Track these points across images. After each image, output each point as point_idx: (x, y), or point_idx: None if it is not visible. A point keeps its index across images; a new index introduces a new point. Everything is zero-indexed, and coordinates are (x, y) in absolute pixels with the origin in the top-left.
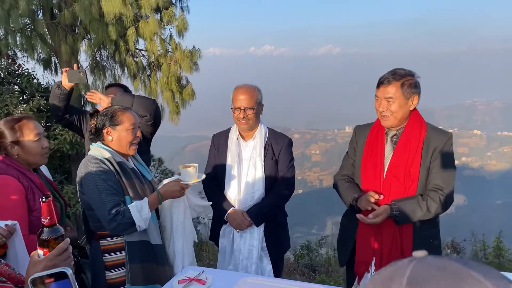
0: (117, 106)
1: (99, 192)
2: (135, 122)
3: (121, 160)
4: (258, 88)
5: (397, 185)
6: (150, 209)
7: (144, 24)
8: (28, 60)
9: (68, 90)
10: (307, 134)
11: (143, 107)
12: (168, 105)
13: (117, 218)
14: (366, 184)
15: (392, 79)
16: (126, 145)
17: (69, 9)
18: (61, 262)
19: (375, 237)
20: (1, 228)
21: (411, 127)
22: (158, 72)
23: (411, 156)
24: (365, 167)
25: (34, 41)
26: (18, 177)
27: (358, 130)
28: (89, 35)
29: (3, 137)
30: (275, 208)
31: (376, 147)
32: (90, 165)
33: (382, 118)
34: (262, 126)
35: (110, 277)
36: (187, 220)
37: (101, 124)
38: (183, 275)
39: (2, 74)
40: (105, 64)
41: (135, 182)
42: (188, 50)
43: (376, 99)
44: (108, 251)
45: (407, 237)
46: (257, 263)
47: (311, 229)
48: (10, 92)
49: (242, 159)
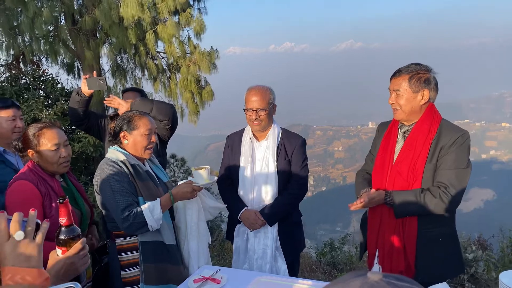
0: (135, 111)
1: (113, 193)
2: (151, 127)
3: (136, 162)
4: (270, 89)
5: (400, 181)
6: (162, 210)
7: (162, 27)
8: (52, 65)
9: (88, 96)
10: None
11: (162, 112)
12: (188, 106)
13: (129, 218)
14: (375, 180)
15: (403, 72)
16: (141, 149)
17: (90, 14)
18: (79, 261)
19: (378, 229)
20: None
21: (421, 123)
22: (178, 73)
23: (417, 152)
24: (376, 164)
25: (57, 47)
26: (37, 183)
27: (380, 127)
28: (110, 39)
29: (27, 143)
30: (288, 207)
31: (388, 142)
32: (105, 167)
33: (393, 111)
34: (275, 126)
35: (125, 275)
36: (201, 221)
37: (118, 128)
38: (198, 275)
39: (27, 80)
40: (125, 68)
41: (148, 184)
42: (207, 51)
43: (390, 92)
44: (123, 250)
45: (411, 232)
46: (271, 263)
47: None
48: (36, 97)
49: (256, 159)
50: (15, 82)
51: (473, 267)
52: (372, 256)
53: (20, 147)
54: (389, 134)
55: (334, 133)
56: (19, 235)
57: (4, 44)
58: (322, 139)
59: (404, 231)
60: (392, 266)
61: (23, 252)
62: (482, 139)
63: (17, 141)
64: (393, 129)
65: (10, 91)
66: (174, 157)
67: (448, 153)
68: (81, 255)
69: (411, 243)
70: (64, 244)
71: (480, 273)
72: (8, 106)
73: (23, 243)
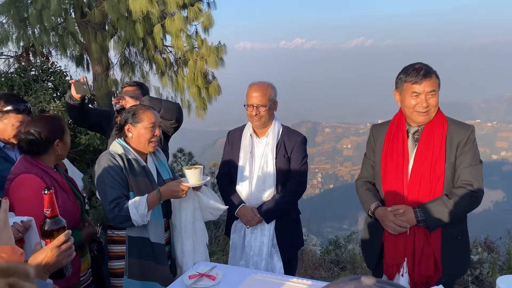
0: (140, 105)
1: (105, 185)
2: (155, 121)
3: (134, 157)
4: (272, 85)
5: (424, 183)
6: (148, 206)
7: (170, 21)
8: (61, 58)
9: (79, 100)
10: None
11: (170, 112)
12: (195, 101)
13: (115, 210)
14: (388, 185)
15: (429, 71)
16: (145, 142)
17: (98, 7)
18: (61, 253)
19: (404, 238)
20: (17, 224)
21: (433, 122)
22: (185, 68)
23: (436, 152)
24: (385, 168)
25: (66, 39)
26: (42, 176)
27: (375, 129)
28: (118, 32)
29: (53, 135)
30: (286, 205)
31: (397, 145)
32: (102, 159)
33: (419, 115)
34: (276, 123)
35: (111, 266)
36: (197, 221)
37: (123, 121)
38: (194, 271)
39: (36, 71)
40: (133, 61)
41: (141, 180)
42: (214, 46)
43: (414, 96)
44: (111, 242)
45: (436, 235)
46: (267, 260)
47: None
48: (44, 89)
49: (255, 156)
50: (24, 74)
51: (478, 269)
52: (395, 267)
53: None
54: (396, 137)
55: (343, 131)
56: None
57: (14, 36)
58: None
59: (430, 233)
60: (421, 272)
61: None
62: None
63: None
64: (398, 131)
65: (19, 83)
66: (181, 151)
67: (466, 151)
68: (65, 247)
69: (437, 245)
70: (49, 235)
71: (485, 275)
72: (20, 111)
73: None
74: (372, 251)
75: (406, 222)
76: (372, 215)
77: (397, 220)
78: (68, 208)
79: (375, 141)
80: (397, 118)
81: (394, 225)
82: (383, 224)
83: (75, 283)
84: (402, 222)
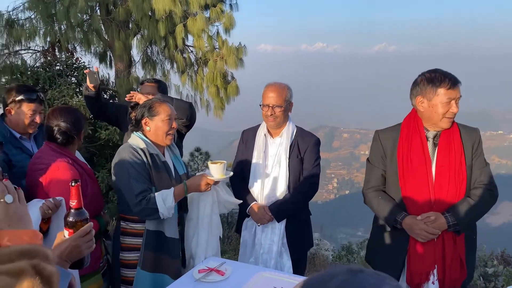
0: (155, 99)
1: (129, 178)
2: (171, 113)
3: (155, 152)
4: (288, 87)
5: (451, 187)
6: (175, 199)
7: (192, 21)
8: (85, 53)
9: (94, 91)
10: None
11: (181, 111)
12: (213, 101)
13: (142, 202)
14: (410, 192)
15: (457, 78)
16: (162, 134)
17: (123, 5)
18: (84, 244)
19: (433, 245)
20: (49, 200)
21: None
22: (205, 68)
23: (458, 155)
24: (404, 174)
25: (91, 36)
26: (72, 164)
27: (382, 135)
28: (141, 31)
29: (81, 127)
30: (297, 205)
31: (417, 150)
32: (124, 152)
33: (449, 120)
34: (291, 124)
35: (123, 257)
36: (214, 214)
37: (140, 115)
38: (204, 265)
39: (61, 66)
40: (155, 59)
41: (162, 175)
42: (234, 47)
43: (449, 102)
44: (125, 234)
45: (460, 237)
46: (276, 258)
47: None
48: (68, 84)
49: (268, 156)
50: (49, 68)
51: (492, 281)
52: (424, 275)
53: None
54: (413, 142)
55: (362, 136)
56: (9, 198)
57: (42, 31)
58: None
59: (455, 237)
60: (451, 276)
61: (16, 213)
62: None
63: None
64: (417, 135)
65: (44, 77)
66: (198, 150)
67: (479, 153)
68: (87, 238)
69: (462, 246)
70: (72, 226)
71: None
72: (32, 100)
73: (14, 205)
74: (395, 261)
75: (438, 229)
76: (399, 225)
77: (429, 228)
78: (96, 195)
79: (384, 148)
80: (411, 123)
81: (426, 233)
82: (411, 232)
83: (95, 269)
84: (433, 229)
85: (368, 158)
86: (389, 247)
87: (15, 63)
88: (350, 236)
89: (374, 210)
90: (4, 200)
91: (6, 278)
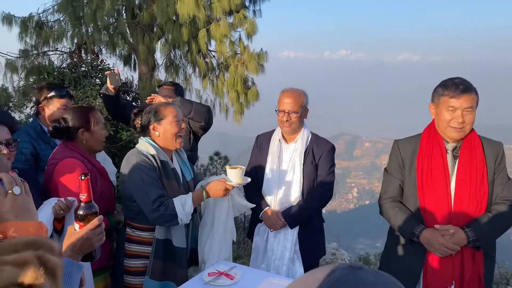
0: (159, 103)
1: (144, 184)
2: (178, 114)
3: (165, 159)
4: (304, 93)
5: (472, 202)
6: (193, 204)
7: (215, 26)
8: (110, 56)
9: (114, 92)
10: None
11: (200, 114)
12: (233, 105)
13: (160, 208)
14: (428, 204)
15: (469, 87)
16: (172, 137)
17: (148, 10)
18: (94, 236)
19: (451, 260)
20: (61, 201)
21: (471, 138)
22: (226, 73)
23: (479, 169)
24: (423, 186)
25: (116, 39)
26: (83, 161)
27: (401, 145)
28: (165, 35)
29: (77, 123)
30: (310, 211)
31: (437, 162)
32: (135, 158)
33: (454, 130)
34: (306, 130)
35: (127, 264)
36: (229, 219)
37: (146, 121)
38: (214, 269)
39: (86, 68)
40: (178, 63)
41: (172, 182)
42: (256, 53)
43: (451, 110)
44: (130, 241)
45: (479, 252)
46: (288, 265)
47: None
48: (92, 85)
49: (282, 161)
50: (75, 69)
51: None
52: None
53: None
54: (434, 153)
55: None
56: (17, 190)
57: (69, 33)
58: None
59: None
60: None
61: (23, 204)
62: None
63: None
64: (437, 147)
65: (70, 77)
66: (218, 154)
67: (501, 168)
68: (97, 231)
69: (481, 262)
70: (82, 219)
71: None
72: (62, 96)
73: (21, 197)
74: (410, 274)
75: (457, 244)
76: (417, 238)
77: (449, 244)
78: (106, 193)
79: (403, 158)
80: (432, 133)
81: (446, 248)
82: (430, 247)
83: (105, 265)
84: (453, 244)
85: (386, 168)
86: (405, 259)
87: (43, 63)
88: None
89: (391, 222)
90: (12, 191)
91: (11, 268)
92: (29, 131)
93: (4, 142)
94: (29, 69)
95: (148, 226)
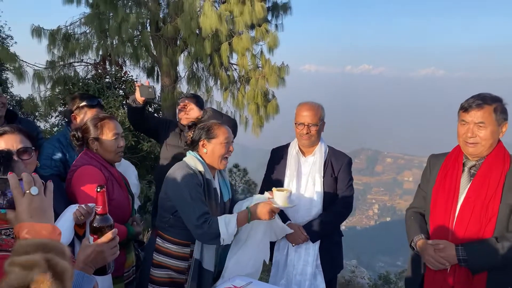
0: (214, 121)
1: (190, 199)
2: (229, 136)
3: (210, 178)
4: (321, 106)
5: (473, 222)
6: (238, 225)
7: (237, 40)
8: (134, 68)
9: (142, 104)
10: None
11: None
12: (252, 118)
13: (204, 226)
14: (436, 218)
15: (483, 102)
16: (218, 158)
17: (172, 23)
18: (108, 250)
19: (443, 276)
20: (81, 207)
21: (494, 158)
22: (247, 85)
23: (491, 191)
24: (435, 200)
25: (140, 51)
26: (100, 169)
27: (432, 159)
28: (188, 48)
29: (88, 132)
30: (332, 225)
31: (450, 177)
32: (183, 171)
33: (466, 145)
34: (323, 144)
35: (153, 274)
36: (265, 239)
37: (197, 137)
38: (230, 283)
39: (110, 79)
40: (200, 76)
41: (212, 202)
42: (277, 66)
43: (463, 124)
44: (159, 252)
45: (480, 280)
46: (310, 280)
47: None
48: (115, 96)
49: (301, 174)
50: (99, 80)
51: None
52: None
53: (79, 137)
54: (449, 169)
55: (406, 162)
56: (35, 190)
57: (95, 45)
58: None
59: (473, 276)
60: None
61: (39, 206)
62: None
63: (75, 131)
64: (455, 163)
65: (94, 88)
66: (237, 166)
67: None
68: (111, 245)
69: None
70: (96, 231)
71: None
72: (93, 106)
73: (38, 198)
74: (413, 283)
75: (446, 259)
76: (415, 246)
77: (436, 256)
78: (122, 201)
79: (430, 171)
80: (456, 150)
81: (434, 261)
82: (423, 257)
83: (119, 275)
84: (441, 258)
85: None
86: (411, 268)
87: (69, 74)
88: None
89: (406, 229)
90: (30, 192)
91: (19, 270)
92: (60, 139)
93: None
94: (55, 80)
95: (180, 240)
